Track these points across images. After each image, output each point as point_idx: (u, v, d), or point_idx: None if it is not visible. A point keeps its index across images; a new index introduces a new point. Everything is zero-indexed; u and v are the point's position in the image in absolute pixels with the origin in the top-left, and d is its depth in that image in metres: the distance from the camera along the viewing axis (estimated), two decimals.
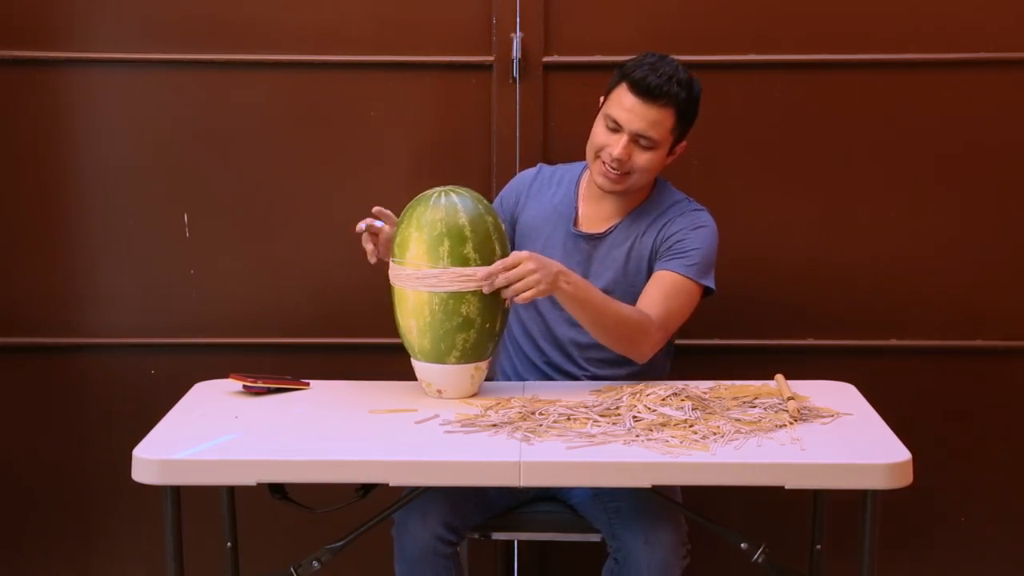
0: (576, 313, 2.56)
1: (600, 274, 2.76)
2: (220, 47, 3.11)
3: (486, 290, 2.45)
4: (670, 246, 2.72)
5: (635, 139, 2.66)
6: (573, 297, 2.52)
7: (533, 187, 2.87)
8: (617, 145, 2.65)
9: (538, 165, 2.93)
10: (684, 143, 2.75)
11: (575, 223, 2.81)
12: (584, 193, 2.83)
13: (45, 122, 3.16)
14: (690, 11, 3.09)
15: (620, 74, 2.69)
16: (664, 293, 2.66)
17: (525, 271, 2.45)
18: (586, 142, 2.75)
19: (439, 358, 2.48)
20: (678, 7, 3.09)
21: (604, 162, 2.69)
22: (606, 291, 2.69)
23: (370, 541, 2.64)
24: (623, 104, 2.66)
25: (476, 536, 2.79)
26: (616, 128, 2.67)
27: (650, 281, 2.70)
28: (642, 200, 2.80)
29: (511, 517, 2.76)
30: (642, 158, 2.68)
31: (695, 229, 2.74)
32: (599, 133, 2.70)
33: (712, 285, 2.72)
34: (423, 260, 2.44)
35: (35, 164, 3.18)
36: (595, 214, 2.81)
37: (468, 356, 2.49)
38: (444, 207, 2.46)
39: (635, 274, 2.76)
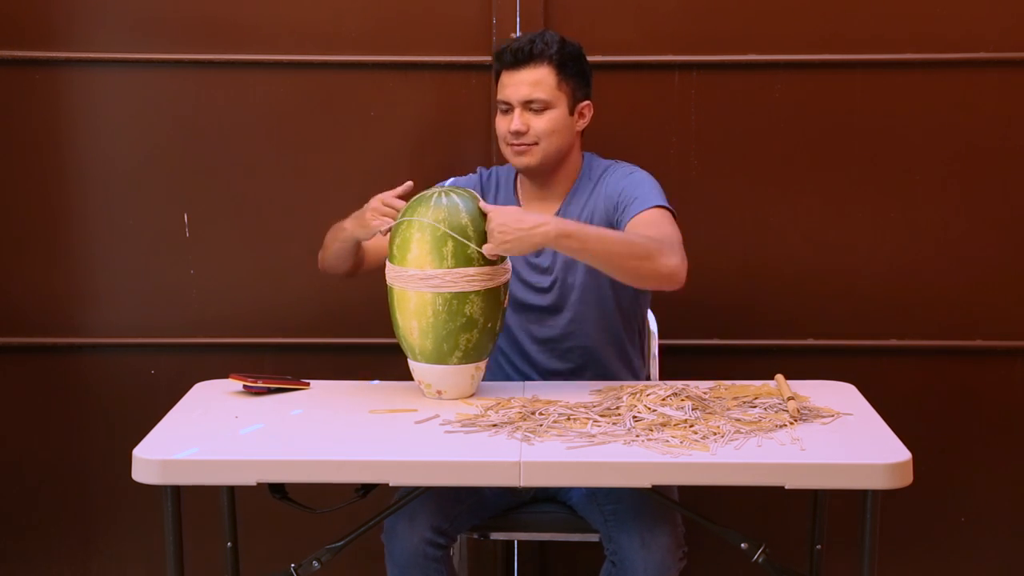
0: (585, 259, 2.52)
1: (562, 260, 2.74)
2: (220, 47, 3.12)
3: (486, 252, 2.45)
4: (618, 203, 2.69)
5: (526, 107, 2.69)
6: (573, 249, 2.46)
7: (480, 192, 2.85)
8: (514, 120, 2.69)
9: (476, 169, 2.93)
10: (589, 103, 2.76)
11: None
12: (523, 191, 2.84)
13: (45, 122, 3.16)
14: (690, 11, 3.09)
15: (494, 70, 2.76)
16: (645, 227, 2.58)
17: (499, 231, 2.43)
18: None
19: (441, 359, 2.48)
20: (678, 7, 3.09)
21: (508, 142, 2.72)
22: (571, 280, 2.72)
23: (370, 541, 2.64)
24: (502, 84, 2.72)
25: (475, 536, 2.79)
26: (507, 108, 2.71)
27: (627, 231, 2.61)
28: (575, 180, 2.79)
29: (510, 517, 2.75)
30: (540, 122, 2.69)
31: (630, 176, 2.73)
32: (498, 124, 2.74)
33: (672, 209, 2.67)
34: (426, 261, 2.44)
35: (35, 164, 3.18)
36: (537, 208, 2.80)
37: (470, 356, 2.49)
38: (446, 207, 2.45)
39: None
